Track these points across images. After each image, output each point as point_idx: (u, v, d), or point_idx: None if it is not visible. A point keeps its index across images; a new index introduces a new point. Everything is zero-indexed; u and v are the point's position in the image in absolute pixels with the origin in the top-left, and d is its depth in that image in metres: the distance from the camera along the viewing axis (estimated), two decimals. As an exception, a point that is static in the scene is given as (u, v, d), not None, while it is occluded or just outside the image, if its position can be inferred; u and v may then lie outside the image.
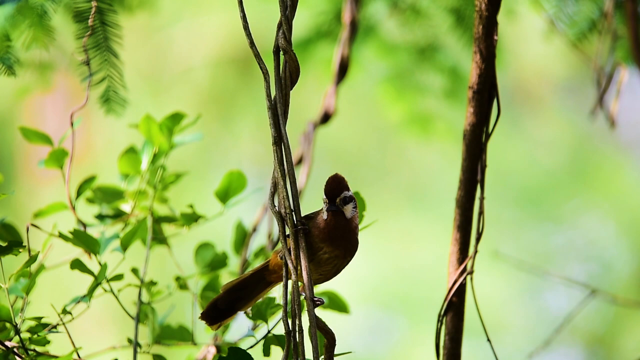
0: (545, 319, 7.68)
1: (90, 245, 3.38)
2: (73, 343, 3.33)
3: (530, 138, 8.13)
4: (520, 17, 4.95)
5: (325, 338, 3.03)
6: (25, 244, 3.21)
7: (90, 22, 3.52)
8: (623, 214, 7.99)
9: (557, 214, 8.04)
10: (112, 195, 3.64)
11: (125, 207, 3.65)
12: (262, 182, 7.15)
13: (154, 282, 3.53)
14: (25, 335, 3.29)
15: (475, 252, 3.42)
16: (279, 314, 3.32)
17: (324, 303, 3.19)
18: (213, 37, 8.14)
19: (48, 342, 3.32)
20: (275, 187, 3.02)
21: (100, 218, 3.64)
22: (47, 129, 3.57)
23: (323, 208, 3.08)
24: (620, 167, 8.14)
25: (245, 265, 3.87)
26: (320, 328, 2.99)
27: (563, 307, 7.65)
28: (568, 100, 8.33)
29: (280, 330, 3.31)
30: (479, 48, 3.34)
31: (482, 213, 3.42)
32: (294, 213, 3.01)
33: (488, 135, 3.40)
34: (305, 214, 3.11)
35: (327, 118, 4.59)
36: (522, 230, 8.01)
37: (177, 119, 3.58)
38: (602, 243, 7.96)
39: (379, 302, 7.75)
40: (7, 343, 3.23)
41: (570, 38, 4.56)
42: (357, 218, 3.12)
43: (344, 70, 4.63)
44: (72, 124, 3.53)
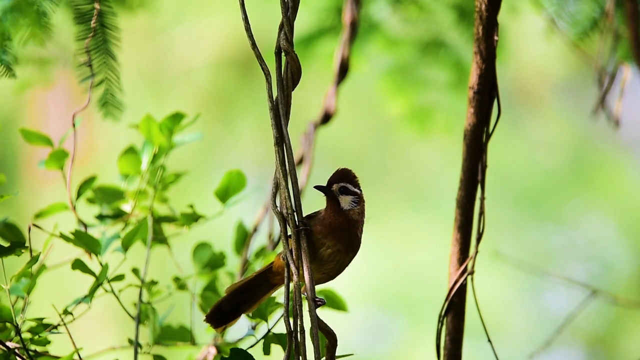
0: (546, 320, 7.68)
1: (91, 246, 3.38)
2: (74, 343, 3.33)
3: (531, 138, 8.13)
4: (521, 16, 4.95)
5: (327, 338, 3.04)
6: (27, 245, 3.22)
7: (93, 24, 3.52)
8: (624, 214, 7.99)
9: (557, 214, 8.04)
10: (112, 196, 3.65)
11: (126, 207, 3.65)
12: (262, 182, 7.15)
13: (155, 282, 3.53)
14: (26, 336, 3.29)
15: (476, 252, 3.42)
16: (279, 313, 3.33)
17: (325, 303, 3.20)
18: (214, 38, 8.14)
19: (49, 342, 3.32)
20: (277, 187, 3.03)
21: (101, 218, 3.65)
22: (50, 129, 3.59)
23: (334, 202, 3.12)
24: (621, 167, 8.14)
25: (246, 266, 3.87)
26: (322, 328, 2.99)
27: (564, 307, 7.65)
28: (568, 100, 8.33)
29: (280, 329, 3.32)
30: (479, 48, 3.35)
31: (482, 213, 3.42)
32: (296, 213, 3.01)
33: (488, 136, 3.40)
34: (306, 214, 3.12)
35: (327, 118, 4.60)
36: (522, 231, 8.01)
37: (177, 119, 3.59)
38: (602, 243, 7.96)
39: (380, 302, 7.75)
40: (8, 343, 3.23)
41: (572, 37, 4.56)
42: (357, 214, 3.12)
43: (345, 71, 4.63)
44: (73, 125, 3.53)
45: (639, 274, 7.85)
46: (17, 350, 3.23)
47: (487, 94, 3.39)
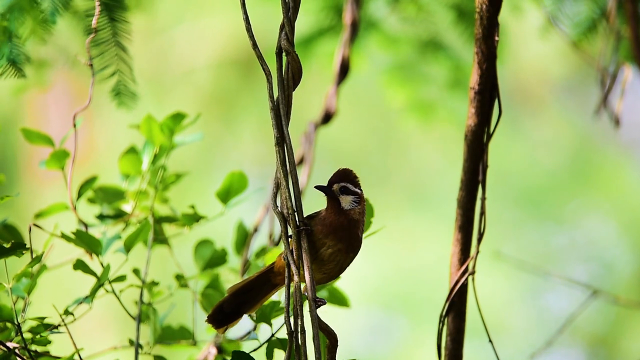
0: (547, 320, 7.68)
1: (92, 246, 3.38)
2: (74, 344, 3.33)
3: (531, 138, 8.13)
4: (522, 16, 4.95)
5: (328, 339, 3.04)
6: (28, 245, 3.21)
7: (94, 23, 3.52)
8: (624, 214, 7.99)
9: (558, 214, 8.04)
10: (113, 196, 3.64)
11: (126, 207, 3.65)
12: (263, 182, 7.14)
13: (156, 282, 3.53)
14: (27, 336, 3.29)
15: (477, 252, 3.42)
16: (282, 317, 3.32)
17: (326, 303, 3.19)
18: (215, 38, 8.14)
19: (49, 342, 3.32)
20: (278, 187, 3.03)
21: (102, 218, 3.64)
22: (50, 130, 3.58)
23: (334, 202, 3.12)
24: (621, 167, 8.14)
25: (247, 266, 3.87)
26: (323, 329, 2.99)
27: (564, 307, 7.65)
28: (569, 101, 8.33)
29: (283, 333, 3.31)
30: (480, 49, 3.34)
31: (483, 213, 3.42)
32: (296, 213, 3.01)
33: (489, 136, 3.40)
34: (307, 214, 3.12)
35: (328, 118, 4.60)
36: (523, 231, 8.01)
37: (178, 119, 3.58)
38: (603, 243, 7.96)
39: (381, 302, 7.74)
40: (8, 343, 3.23)
41: (572, 37, 4.56)
42: (357, 214, 3.12)
43: (345, 71, 4.63)
44: (74, 125, 3.53)
45: (640, 274, 7.85)
46: (17, 351, 3.23)
47: (488, 94, 3.38)
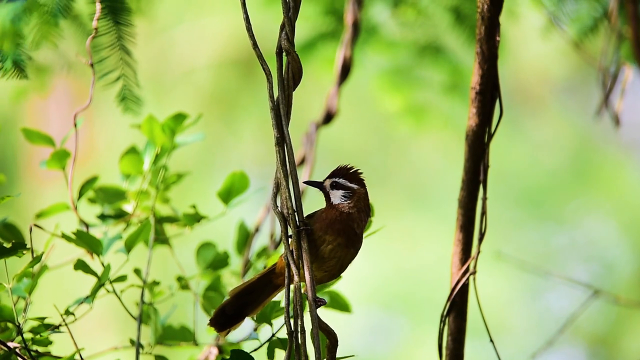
0: (548, 320, 7.68)
1: (93, 246, 3.38)
2: (75, 344, 3.33)
3: (532, 138, 8.13)
4: (522, 17, 4.95)
5: (328, 339, 3.03)
6: (29, 245, 3.21)
7: (95, 24, 3.52)
8: (625, 214, 7.99)
9: (559, 214, 8.04)
10: (114, 196, 3.64)
11: (127, 207, 3.65)
12: (264, 182, 7.14)
13: (157, 282, 3.53)
14: (28, 336, 3.29)
15: (478, 252, 3.42)
16: (282, 318, 3.32)
17: (326, 303, 3.19)
18: (215, 38, 8.14)
19: (50, 342, 3.32)
20: (278, 187, 3.03)
21: (103, 218, 3.64)
22: (50, 130, 3.58)
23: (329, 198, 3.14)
24: (622, 167, 8.14)
25: (248, 266, 3.87)
26: (323, 329, 2.99)
27: (565, 307, 7.65)
28: (569, 101, 8.33)
29: (283, 333, 3.31)
30: (481, 49, 3.34)
31: (484, 213, 3.42)
32: (297, 213, 3.01)
33: (490, 136, 3.40)
34: (307, 214, 3.12)
35: (329, 118, 4.60)
36: (524, 231, 8.01)
37: (179, 120, 3.59)
38: (604, 243, 7.96)
39: (381, 302, 7.74)
40: (9, 343, 3.23)
41: (573, 37, 4.56)
42: (348, 208, 3.11)
43: (347, 71, 4.63)
44: (75, 125, 3.53)
45: (640, 274, 7.85)
46: (18, 351, 3.23)
47: (488, 95, 3.38)
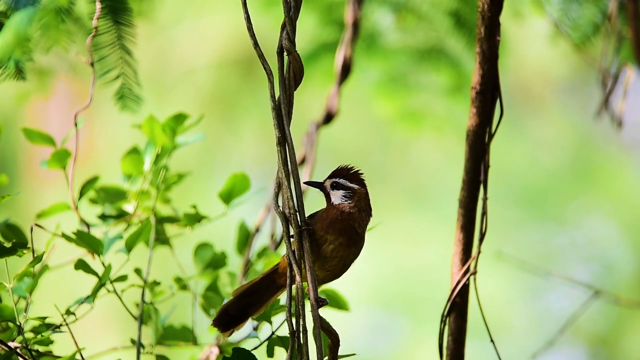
0: (548, 320, 7.68)
1: (94, 246, 3.38)
2: (76, 343, 3.33)
3: (532, 138, 8.12)
4: (523, 18, 4.95)
5: (329, 338, 3.04)
6: (29, 245, 3.21)
7: (95, 23, 3.52)
8: (625, 214, 7.99)
9: (559, 214, 8.04)
10: (115, 196, 3.65)
11: (128, 207, 3.65)
12: (264, 182, 7.15)
13: (157, 282, 3.53)
14: (29, 336, 3.29)
15: (478, 252, 3.42)
16: (283, 315, 3.32)
17: (328, 303, 3.19)
18: (216, 38, 8.14)
19: (51, 342, 3.32)
20: (280, 187, 3.03)
21: (103, 218, 3.64)
22: (51, 129, 3.58)
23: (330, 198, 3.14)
24: (622, 167, 8.13)
25: (248, 266, 3.87)
26: (324, 328, 2.99)
27: (566, 307, 7.64)
28: (570, 101, 8.33)
29: (284, 332, 3.31)
30: (482, 49, 3.34)
31: (485, 213, 3.42)
32: (298, 213, 3.01)
33: (491, 136, 3.40)
34: (309, 214, 3.12)
35: (329, 118, 4.60)
36: (524, 231, 8.01)
37: (180, 120, 3.59)
38: (604, 243, 7.96)
39: (382, 302, 7.74)
40: (10, 343, 3.23)
41: (574, 40, 4.56)
42: (349, 207, 3.11)
43: (347, 71, 4.63)
44: (75, 124, 3.53)
45: (641, 274, 7.85)
46: (19, 350, 3.23)
47: (489, 94, 3.38)
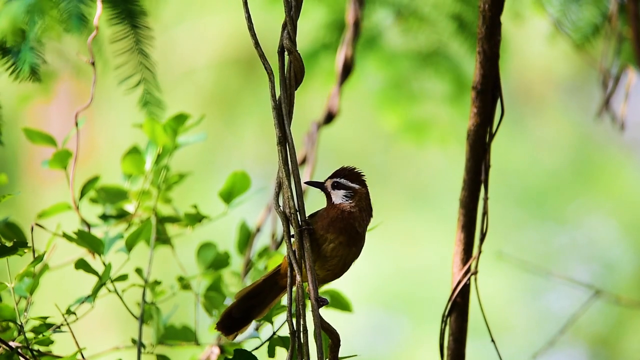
0: (549, 320, 7.68)
1: (94, 246, 3.38)
2: (77, 343, 3.33)
3: (533, 138, 8.12)
4: (525, 19, 4.95)
5: (330, 338, 3.04)
6: (30, 245, 3.21)
7: (95, 22, 3.52)
8: (626, 214, 7.99)
9: (560, 214, 8.04)
10: (115, 196, 3.65)
11: (129, 207, 3.65)
12: (265, 182, 7.15)
13: (158, 281, 3.53)
14: (30, 335, 3.29)
15: (479, 252, 3.42)
16: (284, 315, 3.32)
17: (328, 303, 3.19)
18: (216, 38, 8.14)
19: (52, 342, 3.32)
20: (280, 187, 3.03)
21: (104, 218, 3.65)
22: (51, 130, 3.58)
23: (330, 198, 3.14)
24: (623, 167, 8.13)
25: (249, 266, 3.87)
26: (325, 328, 2.99)
27: (566, 307, 7.64)
28: (571, 100, 8.33)
29: (285, 332, 3.31)
30: (483, 48, 3.34)
31: (485, 213, 3.42)
32: (299, 213, 3.01)
33: (492, 136, 3.40)
34: (309, 214, 3.12)
35: (330, 118, 4.60)
36: (525, 231, 8.01)
37: (181, 120, 3.59)
38: (605, 243, 7.96)
39: (383, 302, 7.74)
40: (11, 343, 3.23)
41: (575, 40, 4.56)
42: (349, 207, 3.11)
43: (348, 71, 4.63)
44: (76, 124, 3.53)
45: (641, 274, 7.85)
46: (20, 350, 3.23)
47: (490, 94, 3.38)
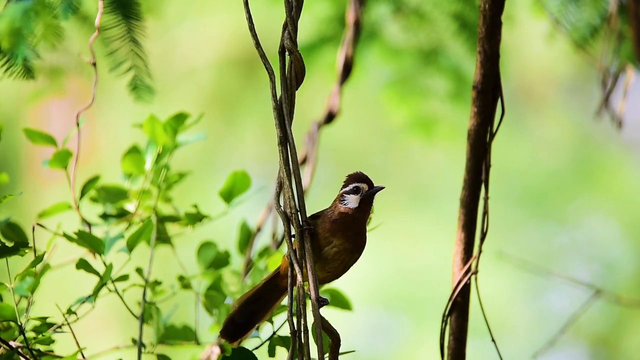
0: (549, 319, 7.68)
1: (95, 245, 3.38)
2: (77, 343, 3.33)
3: (534, 137, 8.12)
4: (523, 18, 4.95)
5: (330, 338, 3.04)
6: (31, 244, 3.22)
7: (97, 22, 3.52)
8: (626, 214, 7.99)
9: (560, 214, 8.04)
10: (116, 195, 3.65)
11: (129, 206, 3.65)
12: (266, 181, 7.15)
13: (159, 281, 3.53)
14: (30, 335, 3.29)
15: (480, 252, 3.42)
16: (284, 315, 3.32)
17: (329, 303, 3.19)
18: (217, 38, 8.14)
19: (52, 342, 3.32)
20: (281, 186, 3.03)
21: (105, 218, 3.65)
22: (52, 130, 3.58)
23: (344, 201, 3.11)
24: (623, 166, 8.13)
25: (250, 266, 3.87)
26: (325, 328, 2.99)
27: (567, 307, 7.64)
28: (571, 100, 8.33)
29: (285, 331, 3.31)
30: (483, 48, 3.35)
31: (486, 213, 3.42)
32: (300, 213, 3.01)
33: (492, 135, 3.40)
34: (311, 214, 3.11)
35: (331, 118, 4.60)
36: (525, 230, 8.01)
37: (181, 119, 3.59)
38: (605, 243, 7.96)
39: (383, 302, 7.75)
40: (11, 343, 3.24)
41: (575, 40, 4.56)
42: (358, 212, 3.12)
43: (348, 70, 4.63)
44: (77, 124, 3.53)
45: (642, 274, 7.85)
46: (20, 350, 3.23)
47: (490, 94, 3.39)
